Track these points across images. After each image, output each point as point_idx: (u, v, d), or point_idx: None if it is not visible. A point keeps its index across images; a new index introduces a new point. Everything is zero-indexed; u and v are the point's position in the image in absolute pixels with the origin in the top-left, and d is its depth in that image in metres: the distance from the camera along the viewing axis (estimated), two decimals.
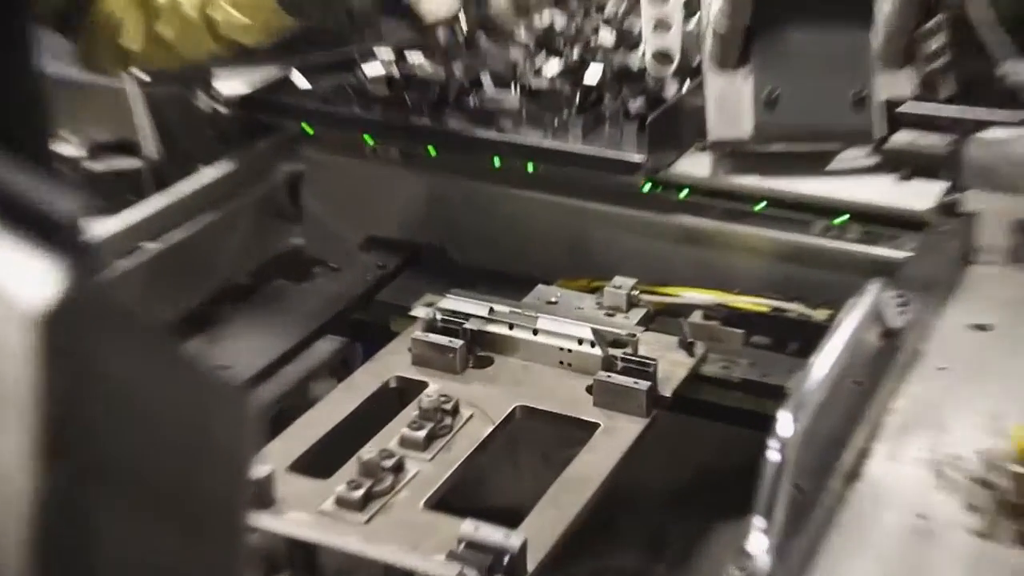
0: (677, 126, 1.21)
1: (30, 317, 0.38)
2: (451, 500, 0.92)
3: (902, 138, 1.26)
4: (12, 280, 0.38)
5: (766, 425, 0.72)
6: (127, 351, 0.42)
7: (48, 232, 0.39)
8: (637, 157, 1.18)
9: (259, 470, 0.87)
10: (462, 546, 0.82)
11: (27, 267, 0.38)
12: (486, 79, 1.28)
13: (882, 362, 0.92)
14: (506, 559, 0.81)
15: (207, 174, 1.28)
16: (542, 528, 0.87)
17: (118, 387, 0.42)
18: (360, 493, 0.89)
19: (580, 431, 1.01)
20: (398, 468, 0.93)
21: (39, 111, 1.02)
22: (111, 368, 0.41)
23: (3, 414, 0.39)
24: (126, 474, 0.44)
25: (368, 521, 0.88)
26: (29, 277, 0.38)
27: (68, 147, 1.49)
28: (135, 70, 1.24)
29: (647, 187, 1.20)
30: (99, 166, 1.56)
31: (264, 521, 0.86)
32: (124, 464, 0.44)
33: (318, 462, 0.96)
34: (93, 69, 1.22)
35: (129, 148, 1.56)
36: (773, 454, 0.71)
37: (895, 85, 1.16)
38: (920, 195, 1.15)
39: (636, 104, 1.23)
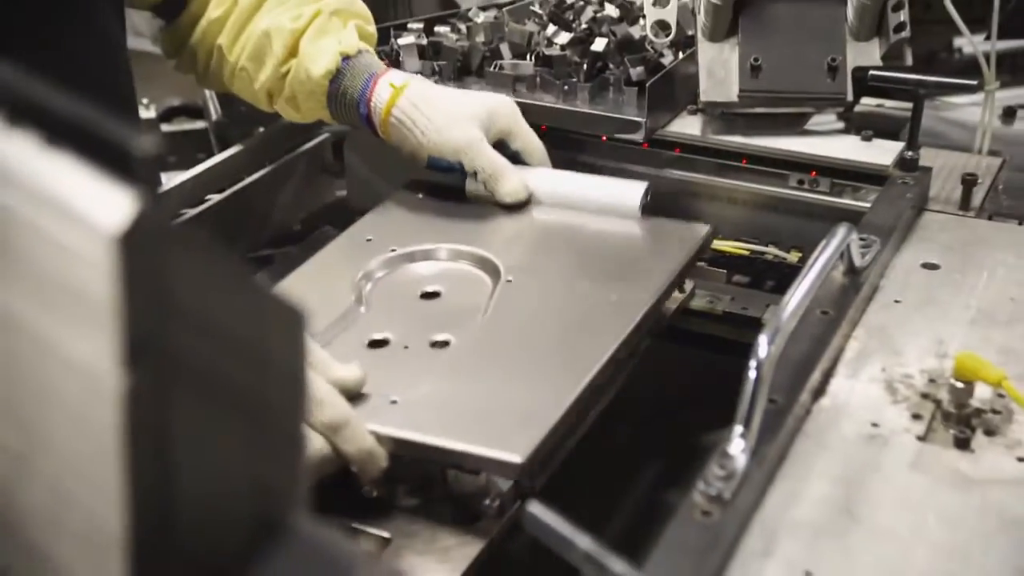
0: (673, 91, 1.23)
1: (110, 235, 0.39)
2: None
3: (867, 102, 1.24)
4: (94, 202, 0.39)
5: (746, 352, 0.74)
6: (196, 269, 0.42)
7: (125, 164, 0.40)
8: (638, 118, 1.18)
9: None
10: None
11: (107, 192, 0.39)
12: (504, 49, 1.27)
13: (846, 296, 0.94)
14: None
15: (263, 134, 1.31)
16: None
17: (189, 301, 0.42)
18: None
19: None
20: None
21: (127, 80, 1.06)
22: (182, 283, 0.41)
23: (92, 322, 0.40)
24: (198, 382, 0.44)
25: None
26: (108, 201, 0.38)
27: (144, 111, 1.50)
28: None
29: (646, 145, 1.20)
30: (170, 127, 1.57)
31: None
32: (196, 372, 0.44)
33: None
34: (178, 67, 1.23)
35: (196, 111, 1.57)
36: (752, 372, 0.73)
37: (864, 54, 1.15)
38: (882, 152, 1.17)
39: (637, 71, 1.24)
